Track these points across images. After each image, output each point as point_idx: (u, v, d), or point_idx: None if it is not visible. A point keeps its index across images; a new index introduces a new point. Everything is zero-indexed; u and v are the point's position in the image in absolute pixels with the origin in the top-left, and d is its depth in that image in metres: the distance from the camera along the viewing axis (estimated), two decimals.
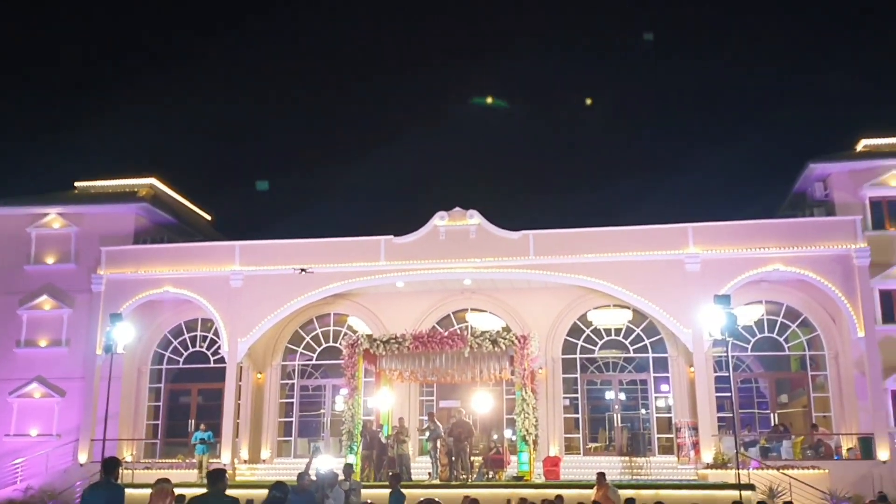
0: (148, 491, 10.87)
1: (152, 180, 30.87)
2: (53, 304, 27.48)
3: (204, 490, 9.35)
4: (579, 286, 24.78)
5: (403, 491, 14.34)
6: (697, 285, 23.40)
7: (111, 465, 9.55)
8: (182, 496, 10.84)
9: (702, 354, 23.39)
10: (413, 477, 21.15)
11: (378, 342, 22.28)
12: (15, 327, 27.58)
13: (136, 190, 30.02)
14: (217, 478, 9.09)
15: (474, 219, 25.15)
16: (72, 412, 26.42)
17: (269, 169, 66.19)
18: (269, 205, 63.24)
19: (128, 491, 9.78)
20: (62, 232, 28.26)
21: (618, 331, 25.99)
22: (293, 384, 27.60)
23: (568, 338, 26.05)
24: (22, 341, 27.45)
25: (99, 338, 25.43)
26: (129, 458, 25.06)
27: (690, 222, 24.43)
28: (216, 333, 26.30)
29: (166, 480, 9.87)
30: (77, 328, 27.04)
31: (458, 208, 25.42)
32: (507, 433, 25.03)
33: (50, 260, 28.06)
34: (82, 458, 25.15)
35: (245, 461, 25.32)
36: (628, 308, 25.31)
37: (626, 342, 25.87)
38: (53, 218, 28.36)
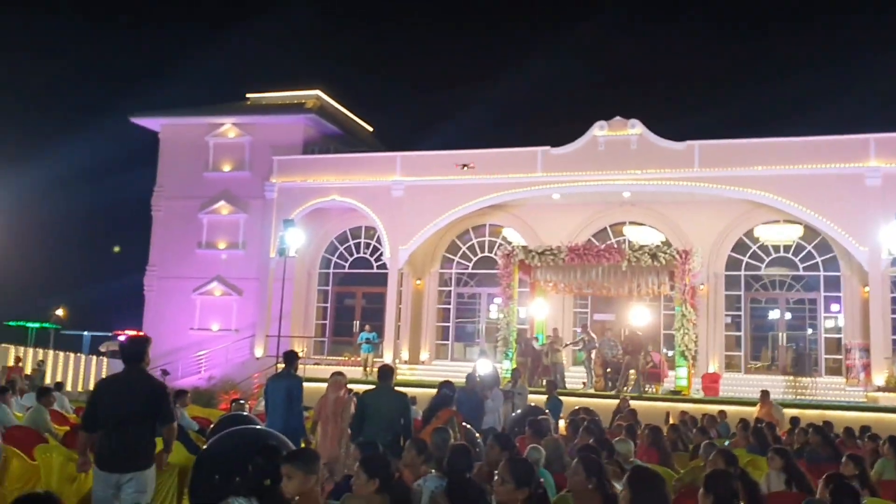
0: (317, 385, 11.66)
1: (318, 92, 31.85)
2: (230, 209, 29.27)
3: (373, 385, 9.94)
4: (746, 200, 23.76)
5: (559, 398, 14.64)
6: (877, 201, 21.91)
7: (291, 358, 10.29)
8: (350, 390, 11.54)
9: (878, 274, 22.05)
10: (567, 386, 21.45)
11: (533, 253, 22.41)
12: (196, 230, 29.65)
13: (303, 101, 31.10)
14: (387, 374, 9.65)
15: (636, 128, 24.44)
16: (248, 310, 28.40)
17: (428, 79, 66.53)
18: (429, 116, 63.92)
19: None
20: (237, 141, 29.85)
21: (786, 248, 24.87)
22: (450, 291, 28.37)
23: (732, 254, 25.21)
24: (203, 243, 29.53)
25: (272, 242, 26.99)
26: (300, 354, 26.73)
27: (872, 133, 22.74)
28: (379, 241, 27.27)
29: (341, 374, 10.51)
30: (252, 232, 28.77)
31: (618, 117, 24.76)
32: (664, 349, 24.79)
33: (226, 167, 29.78)
34: (258, 352, 27.10)
35: (405, 362, 26.45)
36: (799, 224, 24.10)
37: (796, 259, 24.74)
38: (229, 128, 29.96)
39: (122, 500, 6.25)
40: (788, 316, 25.28)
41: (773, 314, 25.45)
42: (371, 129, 35.41)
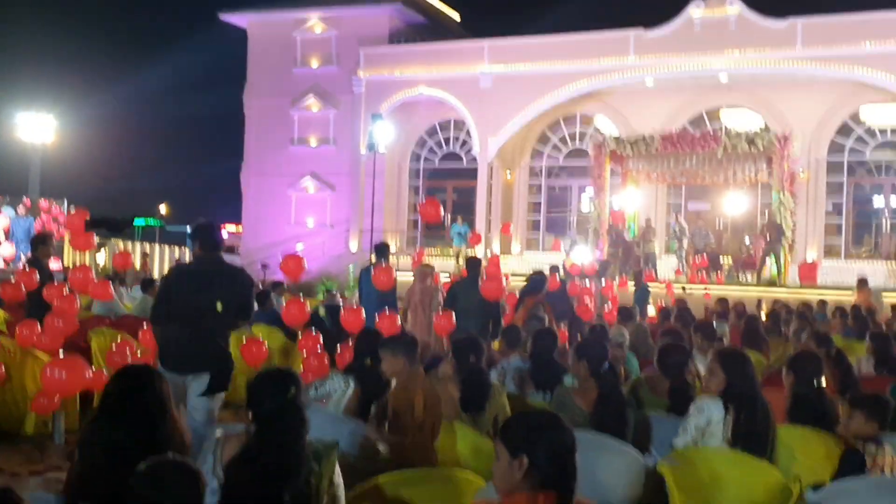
0: (412, 276, 11.95)
1: None
2: (320, 105, 29.50)
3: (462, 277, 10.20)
4: (852, 80, 22.49)
5: (650, 288, 14.64)
6: None
7: (382, 249, 10.59)
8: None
9: None
10: (660, 275, 21.32)
11: (625, 143, 21.99)
12: (288, 127, 30.10)
13: None
14: (475, 264, 9.86)
15: (734, 6, 23.21)
16: (341, 205, 28.98)
17: None
18: (516, 1, 62.14)
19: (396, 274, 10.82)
20: (323, 36, 29.79)
21: (894, 130, 23.59)
22: (540, 184, 28.21)
23: (835, 138, 24.09)
24: (295, 139, 30.03)
25: (362, 137, 27.22)
26: (393, 248, 27.30)
27: None
28: (468, 133, 27.14)
29: (428, 265, 10.86)
30: (342, 127, 29.02)
31: None
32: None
33: (314, 63, 29.86)
34: (353, 246, 27.78)
35: (496, 254, 26.68)
36: None
37: None
38: (315, 22, 29.86)
39: (191, 410, 5.27)
40: (895, 202, 24.22)
41: (878, 200, 24.45)
42: (458, 17, 34.72)
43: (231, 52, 34.22)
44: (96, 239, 28.69)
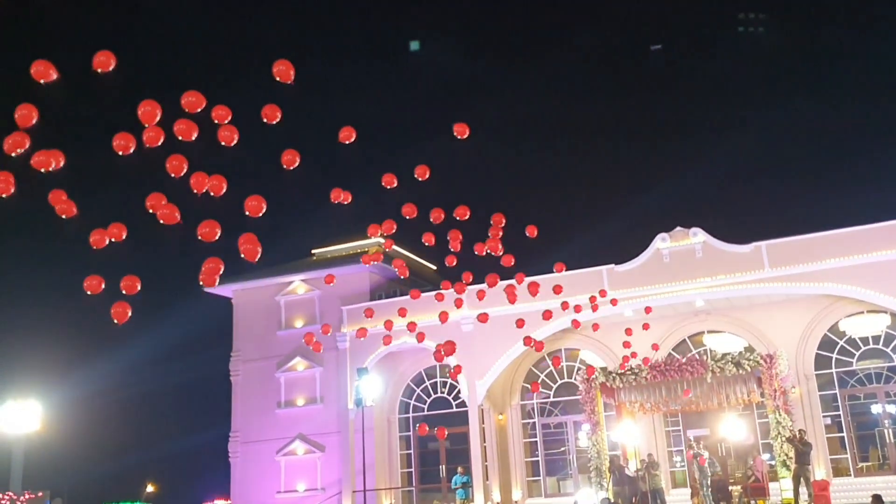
0: None
1: (380, 240, 32.53)
2: (306, 364, 29.54)
3: None
4: (825, 294, 23.04)
5: None
6: None
7: None
8: None
9: None
10: None
11: (614, 375, 21.94)
12: (274, 389, 29.90)
13: (366, 250, 31.77)
14: None
15: (698, 237, 24.23)
16: (332, 465, 28.12)
17: (482, 208, 67.47)
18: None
19: None
20: (306, 297, 30.48)
21: (876, 338, 23.85)
22: (534, 423, 27.73)
23: (820, 352, 24.23)
24: (282, 402, 29.70)
25: (349, 392, 27.02)
26: None
27: None
28: (455, 378, 27.02)
29: None
30: (328, 385, 28.88)
31: (679, 228, 24.64)
32: (766, 457, 23.58)
33: (298, 324, 30.29)
34: None
35: (498, 503, 25.63)
36: (885, 312, 23.17)
37: (888, 350, 23.64)
38: (297, 285, 30.67)
39: None
40: (892, 409, 23.94)
41: (875, 409, 24.16)
42: (434, 267, 35.85)
43: (216, 319, 34.71)
44: None
